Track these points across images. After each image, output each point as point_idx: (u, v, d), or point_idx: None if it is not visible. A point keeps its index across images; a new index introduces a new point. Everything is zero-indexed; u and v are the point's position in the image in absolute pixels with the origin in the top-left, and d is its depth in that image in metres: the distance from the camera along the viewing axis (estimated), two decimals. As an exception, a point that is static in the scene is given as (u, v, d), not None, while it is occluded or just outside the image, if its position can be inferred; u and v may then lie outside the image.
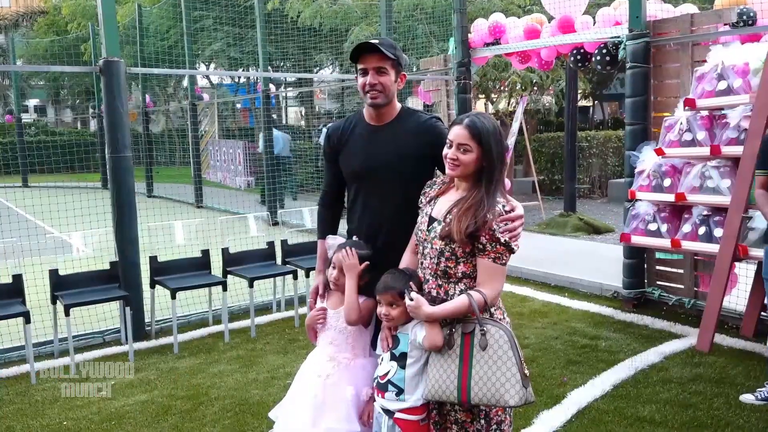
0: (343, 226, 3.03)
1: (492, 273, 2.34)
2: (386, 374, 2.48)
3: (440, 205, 2.50)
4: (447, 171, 2.45)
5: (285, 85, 18.45)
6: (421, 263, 2.51)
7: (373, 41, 2.71)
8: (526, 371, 2.30)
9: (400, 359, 2.46)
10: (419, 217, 2.57)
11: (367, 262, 2.71)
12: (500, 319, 2.39)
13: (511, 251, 2.34)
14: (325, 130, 12.91)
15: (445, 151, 2.44)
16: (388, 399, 2.46)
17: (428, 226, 2.48)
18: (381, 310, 2.50)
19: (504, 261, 2.34)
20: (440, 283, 2.42)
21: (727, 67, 4.75)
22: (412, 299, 2.33)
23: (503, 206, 2.34)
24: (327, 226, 3.08)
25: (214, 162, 17.75)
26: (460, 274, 2.39)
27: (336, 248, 2.79)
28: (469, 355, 2.30)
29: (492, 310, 2.38)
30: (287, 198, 13.97)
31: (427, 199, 2.59)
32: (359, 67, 2.76)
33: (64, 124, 31.21)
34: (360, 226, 2.91)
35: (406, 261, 2.64)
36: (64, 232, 6.25)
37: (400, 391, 2.44)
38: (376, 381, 2.54)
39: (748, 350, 4.79)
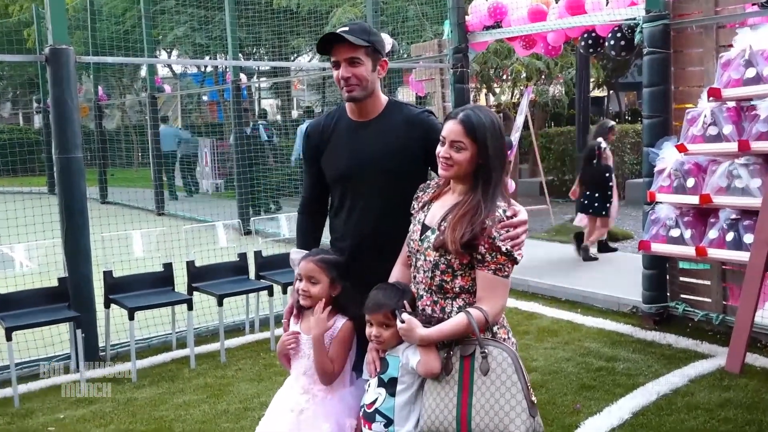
0: (326, 236, 3.05)
1: (493, 287, 2.35)
2: (373, 402, 2.49)
3: (434, 211, 2.52)
4: (440, 171, 2.47)
5: (258, 75, 18.47)
6: (414, 277, 2.53)
7: (340, 30, 2.74)
8: (533, 398, 2.32)
9: (389, 386, 2.47)
10: (411, 225, 2.59)
11: (329, 308, 2.75)
12: (504, 339, 2.41)
13: (514, 262, 2.36)
14: (260, 126, 13.24)
15: (438, 149, 2.46)
16: (376, 430, 2.47)
17: (421, 235, 2.49)
18: (371, 331, 2.50)
19: (506, 273, 2.36)
20: (435, 299, 2.44)
21: (756, 52, 4.81)
22: (403, 321, 2.34)
23: (504, 211, 2.36)
24: (308, 236, 3.11)
25: (178, 163, 17.72)
26: (457, 289, 2.41)
27: (300, 260, 2.82)
28: (469, 380, 2.31)
29: (494, 329, 2.40)
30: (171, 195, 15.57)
31: (420, 204, 2.61)
32: (332, 59, 2.81)
33: (3, 120, 31.02)
34: (345, 234, 2.94)
35: (396, 275, 2.66)
36: (5, 245, 6.21)
37: (389, 422, 2.45)
38: (362, 410, 2.55)
39: (783, 371, 4.85)
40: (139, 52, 14.63)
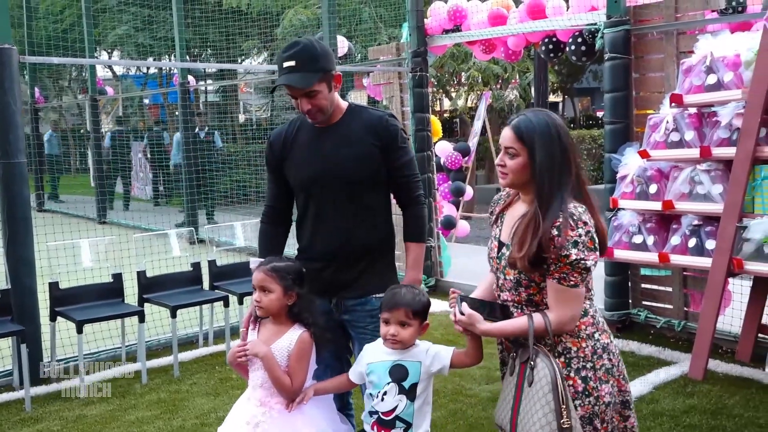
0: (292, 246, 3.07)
1: (557, 296, 2.37)
2: (393, 410, 2.58)
3: (506, 224, 2.54)
4: (499, 180, 2.51)
5: (204, 77, 18.27)
6: (499, 296, 2.55)
7: (287, 64, 2.77)
8: (566, 423, 2.27)
9: (410, 392, 2.58)
10: (489, 242, 2.61)
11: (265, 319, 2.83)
12: (577, 349, 2.42)
13: (580, 271, 2.35)
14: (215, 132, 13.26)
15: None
16: None
17: (498, 252, 2.51)
18: (387, 330, 2.58)
19: (572, 282, 2.35)
20: (529, 312, 2.45)
21: (717, 58, 4.97)
22: (463, 313, 2.39)
23: (572, 214, 2.35)
24: (270, 246, 3.12)
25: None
26: (547, 300, 2.43)
27: (255, 269, 2.85)
28: (521, 386, 2.39)
29: (561, 337, 2.42)
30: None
31: (494, 218, 2.63)
32: (286, 91, 2.85)
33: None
34: (312, 243, 2.97)
35: (484, 289, 2.69)
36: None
37: (408, 426, 2.58)
38: (376, 417, 2.61)
39: (745, 377, 5.00)
40: (78, 52, 14.34)
